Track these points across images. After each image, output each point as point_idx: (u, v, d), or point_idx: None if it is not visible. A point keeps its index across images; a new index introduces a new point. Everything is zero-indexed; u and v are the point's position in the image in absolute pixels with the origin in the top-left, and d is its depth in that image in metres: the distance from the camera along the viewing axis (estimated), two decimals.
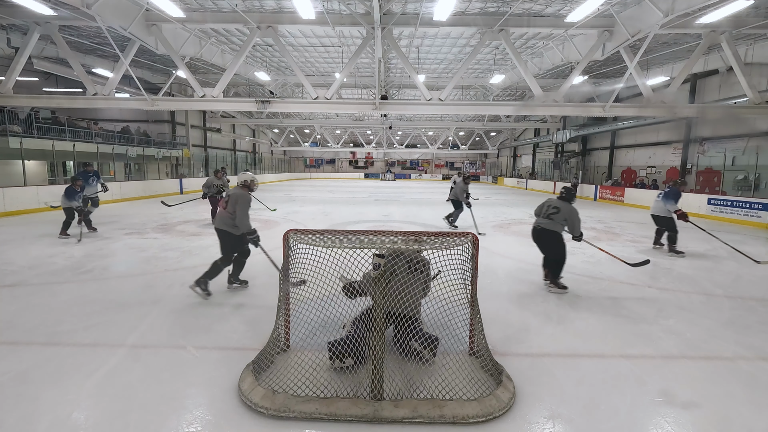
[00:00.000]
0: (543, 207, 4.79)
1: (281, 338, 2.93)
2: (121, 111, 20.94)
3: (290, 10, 9.90)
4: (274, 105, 11.50)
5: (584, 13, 8.49)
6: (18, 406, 2.32)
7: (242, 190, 4.25)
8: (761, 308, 4.15)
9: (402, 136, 39.09)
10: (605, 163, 20.53)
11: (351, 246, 2.67)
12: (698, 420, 2.30)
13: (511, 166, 34.38)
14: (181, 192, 18.62)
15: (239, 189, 4.26)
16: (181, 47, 11.45)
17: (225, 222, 4.15)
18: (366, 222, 10.11)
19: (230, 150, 29.90)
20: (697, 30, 9.45)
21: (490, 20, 9.80)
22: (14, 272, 5.11)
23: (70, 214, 7.45)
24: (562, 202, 4.65)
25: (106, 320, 3.58)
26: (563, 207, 4.60)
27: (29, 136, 13.16)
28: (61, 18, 9.51)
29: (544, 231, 4.62)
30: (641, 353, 3.10)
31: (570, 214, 4.58)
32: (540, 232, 4.66)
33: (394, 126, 29.01)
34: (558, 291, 4.59)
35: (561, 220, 4.58)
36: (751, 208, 10.43)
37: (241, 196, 4.14)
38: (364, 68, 16.64)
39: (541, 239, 4.68)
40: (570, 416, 2.30)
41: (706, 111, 12.29)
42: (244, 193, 4.19)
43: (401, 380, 2.58)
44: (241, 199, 4.11)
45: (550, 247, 4.66)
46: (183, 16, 9.44)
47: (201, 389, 2.53)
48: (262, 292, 4.40)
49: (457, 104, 15.55)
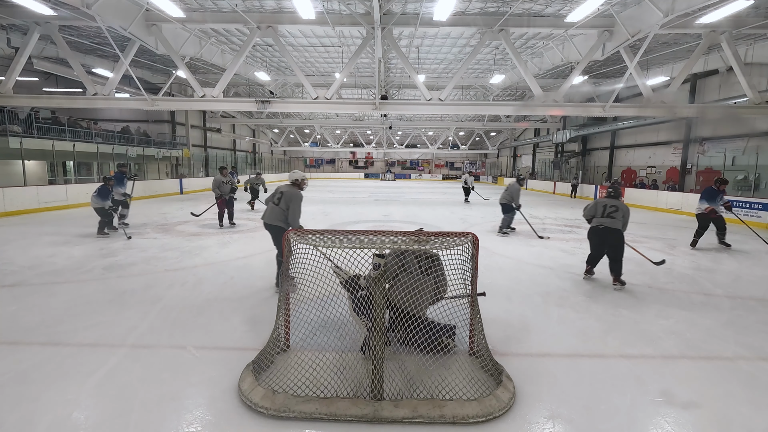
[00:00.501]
0: (598, 207, 4.94)
1: (281, 338, 2.93)
2: (121, 111, 20.93)
3: (290, 10, 9.89)
4: (274, 105, 11.49)
5: (584, 13, 8.49)
6: (18, 406, 2.32)
7: (294, 188, 4.42)
8: (761, 308, 4.15)
9: (402, 136, 39.09)
10: (605, 163, 20.53)
11: (351, 246, 2.67)
12: (698, 420, 2.30)
13: (511, 166, 34.38)
14: (181, 192, 18.62)
15: (291, 187, 4.42)
16: (181, 47, 11.45)
17: (277, 217, 4.28)
18: (366, 222, 10.11)
19: (230, 150, 29.91)
20: (697, 30, 9.45)
21: (490, 20, 9.80)
22: (14, 272, 5.11)
23: (103, 214, 7.53)
24: (618, 201, 4.88)
25: (106, 320, 3.58)
26: (620, 205, 4.82)
27: (29, 136, 13.16)
28: (61, 18, 9.50)
29: (609, 230, 4.74)
30: (641, 353, 3.10)
31: (626, 212, 4.79)
32: (605, 231, 4.77)
33: (394, 126, 29.01)
34: (621, 287, 4.74)
35: (620, 218, 4.74)
36: (751, 208, 10.44)
37: (294, 194, 4.31)
38: (364, 68, 16.63)
39: (607, 238, 4.78)
40: (570, 416, 2.30)
41: (706, 111, 12.28)
42: (297, 192, 4.36)
43: (401, 380, 2.58)
44: (295, 197, 4.30)
45: (616, 245, 4.75)
46: (183, 16, 9.44)
47: (201, 389, 2.53)
48: (262, 292, 4.40)
49: (457, 104, 15.54)
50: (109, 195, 7.56)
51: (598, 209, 4.92)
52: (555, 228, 9.37)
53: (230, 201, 8.77)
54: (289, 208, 4.23)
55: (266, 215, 4.38)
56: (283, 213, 4.25)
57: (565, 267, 5.73)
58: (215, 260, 5.84)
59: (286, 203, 4.26)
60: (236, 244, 7.10)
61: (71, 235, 7.68)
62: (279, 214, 4.26)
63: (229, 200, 8.73)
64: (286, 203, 4.25)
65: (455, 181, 40.11)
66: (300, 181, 4.49)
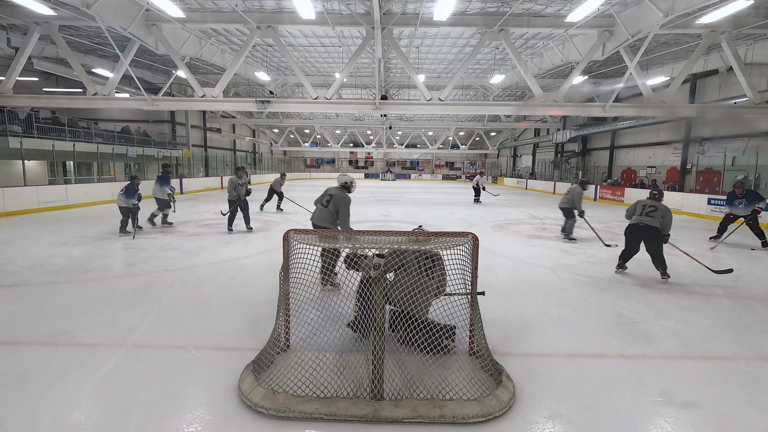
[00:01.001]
0: (638, 206, 5.20)
1: (281, 338, 2.93)
2: (121, 111, 20.93)
3: (290, 10, 9.89)
4: (274, 105, 11.50)
5: (584, 13, 8.49)
6: (18, 406, 2.32)
7: (342, 191, 4.53)
8: (761, 308, 4.15)
9: (402, 136, 39.08)
10: (605, 163, 20.53)
11: (351, 246, 2.67)
12: (698, 420, 2.30)
13: (511, 166, 34.38)
14: (181, 192, 18.61)
15: (340, 190, 4.53)
16: (181, 47, 11.45)
17: (326, 219, 4.44)
18: (366, 222, 10.11)
19: (230, 150, 29.91)
20: (697, 30, 9.45)
21: (490, 20, 9.80)
22: (14, 272, 5.11)
23: (126, 213, 7.57)
24: (659, 202, 5.10)
25: (106, 320, 3.58)
26: (660, 206, 5.02)
27: (29, 136, 13.16)
28: (61, 18, 9.50)
29: (648, 227, 4.95)
30: (641, 353, 3.10)
31: (666, 213, 4.96)
32: (644, 228, 4.99)
33: (394, 126, 29.00)
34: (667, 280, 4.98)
35: (659, 217, 4.94)
36: None
37: (343, 198, 4.45)
38: (364, 68, 16.64)
39: (646, 235, 4.99)
40: (570, 416, 2.30)
41: (706, 111, 12.28)
42: (345, 195, 4.49)
43: (401, 380, 2.58)
44: (344, 200, 4.44)
45: (653, 241, 4.96)
46: (183, 16, 9.44)
47: (201, 389, 2.53)
48: (262, 292, 4.40)
49: (457, 104, 15.55)
50: (136, 194, 7.58)
51: (637, 208, 5.18)
52: (555, 228, 9.37)
53: (245, 204, 8.24)
54: (338, 211, 4.40)
55: (315, 217, 4.56)
56: (332, 215, 4.41)
57: (565, 267, 5.73)
58: (215, 260, 5.84)
59: (335, 206, 4.41)
60: (236, 244, 7.10)
61: (71, 235, 7.68)
62: (327, 216, 4.42)
63: (245, 203, 8.23)
64: (335, 206, 4.40)
65: (455, 181, 40.13)
66: (348, 184, 4.62)
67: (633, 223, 5.13)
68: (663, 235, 4.95)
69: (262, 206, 12.05)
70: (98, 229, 8.36)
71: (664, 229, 4.93)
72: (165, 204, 8.54)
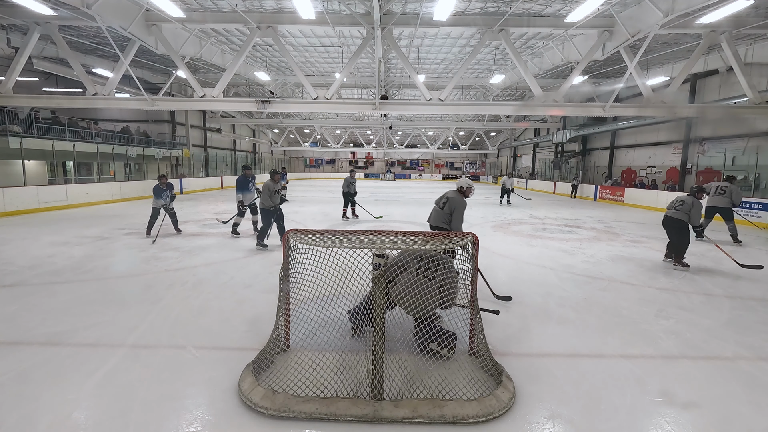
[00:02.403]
0: (671, 201, 5.73)
1: (281, 338, 2.93)
2: (121, 111, 20.93)
3: (290, 10, 9.89)
4: (274, 105, 11.49)
5: (584, 13, 8.48)
6: (18, 406, 2.32)
7: (459, 195, 4.64)
8: (761, 308, 4.15)
9: (402, 136, 39.07)
10: (605, 163, 20.52)
11: (351, 246, 2.67)
12: (698, 420, 2.30)
13: (511, 166, 34.37)
14: (181, 192, 18.61)
15: (457, 194, 4.64)
16: (181, 47, 11.44)
17: (442, 220, 4.61)
18: (366, 222, 10.11)
19: (230, 150, 29.89)
20: (697, 30, 9.45)
21: (490, 20, 9.80)
22: (14, 272, 5.11)
23: (154, 214, 7.56)
24: (688, 197, 5.53)
25: (106, 320, 3.58)
26: (687, 200, 5.47)
27: (29, 136, 13.15)
28: (61, 18, 9.50)
29: (670, 219, 5.54)
30: (641, 353, 3.10)
31: (691, 206, 5.39)
32: (668, 219, 5.58)
33: (394, 126, 29.00)
34: (681, 269, 5.49)
35: (686, 211, 5.40)
36: (751, 208, 10.44)
37: (459, 202, 4.58)
38: (364, 68, 16.63)
39: (669, 225, 5.58)
40: (570, 416, 2.30)
41: (706, 111, 12.27)
42: (461, 199, 4.62)
43: (401, 380, 2.58)
44: (459, 204, 4.56)
45: (674, 232, 5.56)
46: (183, 16, 9.44)
47: (201, 389, 2.53)
48: (262, 293, 4.40)
49: (457, 104, 15.53)
50: (162, 194, 7.53)
51: (670, 203, 5.72)
52: (555, 228, 9.37)
53: (281, 214, 6.85)
54: (453, 214, 4.54)
55: (432, 218, 4.76)
56: (447, 216, 4.58)
57: (565, 267, 5.73)
58: (215, 260, 5.84)
59: (450, 209, 4.57)
60: (236, 244, 7.10)
61: (71, 235, 7.68)
62: (443, 217, 4.60)
63: (280, 213, 6.83)
64: (450, 209, 4.56)
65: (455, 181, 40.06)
66: (465, 189, 4.71)
67: (664, 216, 5.70)
68: (694, 228, 5.43)
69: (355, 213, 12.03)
70: (98, 229, 8.36)
71: (691, 221, 5.35)
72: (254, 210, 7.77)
